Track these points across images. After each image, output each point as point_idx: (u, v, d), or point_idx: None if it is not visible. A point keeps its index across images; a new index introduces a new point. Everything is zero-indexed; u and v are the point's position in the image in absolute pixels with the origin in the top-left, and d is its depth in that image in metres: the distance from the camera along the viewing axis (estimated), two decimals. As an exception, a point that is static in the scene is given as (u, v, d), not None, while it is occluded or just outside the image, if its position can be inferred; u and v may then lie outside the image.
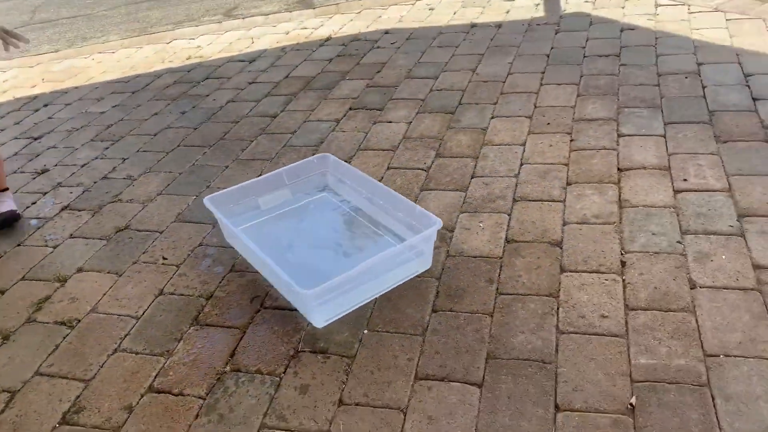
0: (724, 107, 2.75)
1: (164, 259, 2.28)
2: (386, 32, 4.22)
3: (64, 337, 1.98)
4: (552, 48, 3.61)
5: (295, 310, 1.97)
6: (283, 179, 2.40)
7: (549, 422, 1.53)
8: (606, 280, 1.92)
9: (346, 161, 2.62)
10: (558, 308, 1.85)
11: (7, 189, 2.64)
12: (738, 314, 1.74)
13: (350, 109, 3.23)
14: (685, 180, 2.31)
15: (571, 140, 2.68)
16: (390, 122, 3.04)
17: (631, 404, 1.54)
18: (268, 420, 1.63)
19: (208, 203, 2.20)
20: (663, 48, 3.40)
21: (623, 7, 4.02)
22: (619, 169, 2.44)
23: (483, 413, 1.57)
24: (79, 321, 2.04)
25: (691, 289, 1.85)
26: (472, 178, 2.52)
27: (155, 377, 1.80)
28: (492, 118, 2.94)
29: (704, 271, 1.90)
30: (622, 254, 2.01)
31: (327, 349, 1.82)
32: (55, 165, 3.09)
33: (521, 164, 2.56)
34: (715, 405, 1.51)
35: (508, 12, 4.26)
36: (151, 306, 2.07)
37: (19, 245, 2.49)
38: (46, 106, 3.88)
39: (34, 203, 2.77)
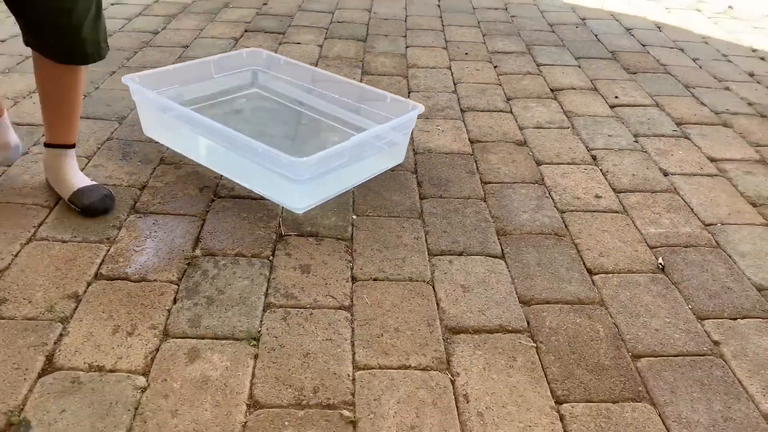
0: (621, 49, 2.93)
1: (66, 150, 1.80)
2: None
3: (-58, 230, 1.46)
4: None
5: (261, 198, 1.66)
6: (210, 70, 2.05)
7: (588, 283, 1.43)
8: (585, 169, 1.89)
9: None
10: (550, 192, 1.77)
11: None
12: (716, 193, 1.80)
13: (246, 30, 2.91)
14: (616, 98, 2.40)
15: (495, 66, 2.66)
16: (299, 43, 2.79)
17: (660, 264, 1.50)
18: (273, 299, 1.32)
19: (130, 81, 1.79)
20: (543, 6, 3.56)
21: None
22: (551, 89, 2.46)
23: (518, 279, 1.43)
24: (-40, 213, 1.52)
25: (665, 176, 1.88)
26: (409, 93, 2.37)
27: (100, 264, 1.38)
28: (408, 47, 2.83)
29: (670, 163, 1.95)
30: (588, 150, 2.01)
31: (317, 233, 1.54)
32: None
33: (455, 83, 2.47)
34: (735, 261, 1.53)
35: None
36: (67, 195, 1.61)
37: None
38: None
39: None
